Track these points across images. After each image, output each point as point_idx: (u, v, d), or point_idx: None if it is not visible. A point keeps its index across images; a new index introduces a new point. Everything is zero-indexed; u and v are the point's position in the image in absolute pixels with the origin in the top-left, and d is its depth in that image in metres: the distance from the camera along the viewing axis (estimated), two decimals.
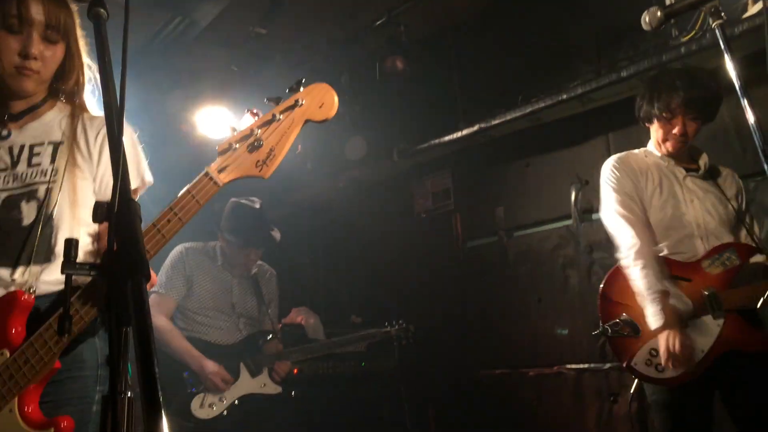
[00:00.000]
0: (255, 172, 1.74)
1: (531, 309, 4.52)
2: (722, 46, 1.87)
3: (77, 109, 1.97)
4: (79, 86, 1.97)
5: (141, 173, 1.99)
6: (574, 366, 4.20)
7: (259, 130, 1.72)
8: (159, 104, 4.89)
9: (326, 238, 6.29)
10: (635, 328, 2.62)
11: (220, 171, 1.72)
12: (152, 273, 1.84)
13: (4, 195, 1.81)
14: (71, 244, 1.01)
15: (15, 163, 1.83)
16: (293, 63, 5.18)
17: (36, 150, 1.86)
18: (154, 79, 4.83)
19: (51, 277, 1.78)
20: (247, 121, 1.78)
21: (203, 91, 5.09)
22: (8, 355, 1.64)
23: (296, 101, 1.73)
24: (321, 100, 1.74)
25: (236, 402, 3.57)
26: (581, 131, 4.36)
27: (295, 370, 4.12)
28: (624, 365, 2.62)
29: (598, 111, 4.23)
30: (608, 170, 2.91)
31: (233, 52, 4.97)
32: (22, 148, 1.86)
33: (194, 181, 1.71)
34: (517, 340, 4.55)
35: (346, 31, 4.90)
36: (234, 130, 1.75)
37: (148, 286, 1.62)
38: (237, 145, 1.73)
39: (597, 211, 4.27)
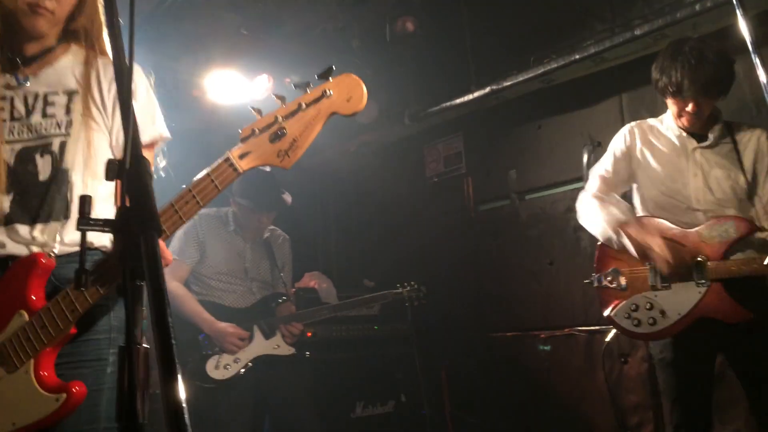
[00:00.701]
0: (276, 162, 1.69)
1: (543, 272, 4.53)
2: (735, 3, 1.84)
3: (93, 53, 1.89)
4: (95, 27, 1.89)
5: (156, 125, 1.94)
6: (585, 328, 4.23)
7: (283, 119, 1.67)
8: (170, 70, 4.88)
9: (338, 203, 6.31)
10: (621, 283, 2.74)
11: (242, 157, 1.68)
12: (168, 251, 1.84)
13: (18, 146, 1.78)
14: (85, 200, 1.03)
15: (29, 113, 1.79)
16: (303, 26, 5.13)
17: (50, 99, 1.81)
18: (164, 45, 4.82)
19: (69, 237, 1.78)
20: (271, 105, 1.73)
21: (213, 56, 5.08)
22: (27, 317, 1.67)
23: (324, 92, 1.67)
24: (349, 93, 1.67)
25: (250, 364, 3.62)
26: (594, 92, 4.32)
27: (308, 334, 4.18)
28: (605, 315, 2.76)
29: (611, 71, 4.18)
30: (620, 133, 2.98)
31: (243, 15, 4.93)
32: (36, 96, 1.81)
33: (214, 164, 1.68)
34: (529, 302, 4.58)
35: None
36: (259, 113, 1.70)
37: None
38: (260, 132, 1.69)
39: None
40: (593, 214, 2.82)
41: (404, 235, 5.47)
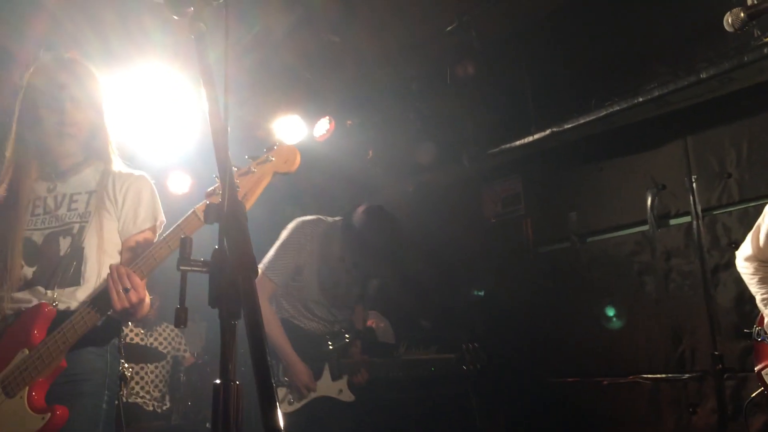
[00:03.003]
0: None
1: (604, 316, 4.44)
2: None
3: (109, 166, 2.43)
4: (109, 148, 2.44)
5: (156, 215, 2.43)
6: (650, 376, 4.10)
7: (237, 179, 2.06)
8: (235, 111, 5.06)
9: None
10: None
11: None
12: (147, 296, 2.23)
13: (47, 232, 2.30)
14: (186, 243, 1.10)
15: (58, 207, 2.35)
16: (364, 70, 5.27)
17: (75, 197, 2.36)
18: (231, 87, 5.01)
19: (78, 297, 2.23)
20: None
21: (278, 99, 5.25)
22: (27, 353, 2.11)
23: (267, 158, 2.07)
24: (286, 158, 2.08)
25: (308, 402, 3.61)
26: (658, 135, 4.27)
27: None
28: (756, 370, 2.92)
29: (676, 114, 4.13)
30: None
31: (307, 60, 5.10)
32: (64, 195, 2.37)
33: (183, 218, 2.13)
34: (590, 348, 4.48)
35: (417, 37, 4.95)
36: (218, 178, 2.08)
37: (149, 310, 2.21)
38: (220, 191, 2.04)
39: (674, 216, 4.20)
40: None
41: (461, 275, 5.46)
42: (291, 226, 3.66)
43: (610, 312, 4.41)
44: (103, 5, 3.82)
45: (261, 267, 3.56)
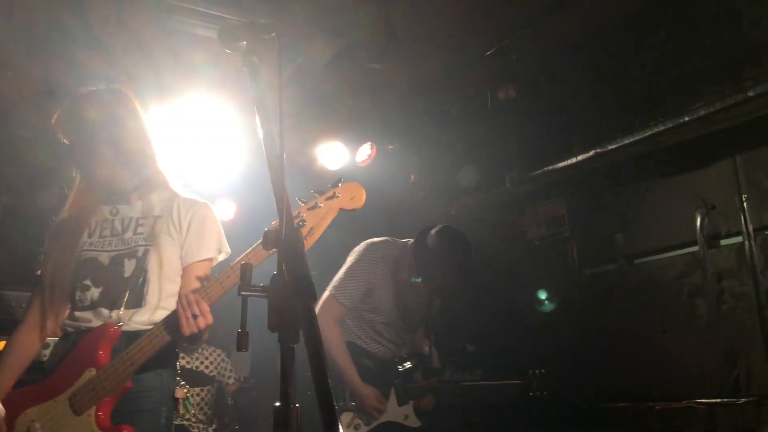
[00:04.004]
0: None
1: (655, 340, 4.34)
2: None
3: (173, 194, 2.54)
4: (158, 170, 2.54)
5: (220, 246, 2.51)
6: (705, 400, 3.98)
7: (304, 213, 2.12)
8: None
9: None
10: None
11: None
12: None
13: (113, 254, 2.41)
14: (246, 269, 1.14)
15: (125, 230, 2.46)
16: (405, 95, 5.33)
17: (141, 222, 2.47)
18: (276, 113, 5.12)
19: (140, 318, 2.33)
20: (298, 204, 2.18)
21: (320, 126, 5.34)
22: (94, 372, 2.20)
23: (334, 193, 2.11)
24: (352, 195, 2.12)
25: (374, 427, 3.54)
26: (705, 154, 4.20)
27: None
28: None
29: (723, 132, 4.06)
30: None
31: (348, 87, 5.18)
32: (131, 219, 2.48)
33: (251, 248, 2.17)
34: (640, 372, 4.38)
35: (457, 62, 4.99)
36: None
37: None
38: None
39: (725, 236, 4.11)
40: None
41: (505, 298, 5.41)
42: (360, 248, 3.68)
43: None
44: (157, 41, 3.98)
45: (330, 290, 3.56)
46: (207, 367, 5.64)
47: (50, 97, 4.07)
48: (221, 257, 2.53)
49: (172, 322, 2.15)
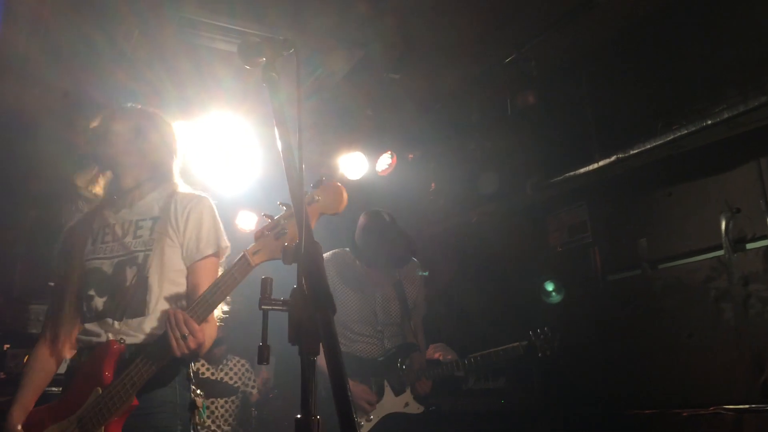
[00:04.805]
0: (280, 255, 1.97)
1: (681, 345, 4.29)
2: None
3: (172, 188, 2.52)
4: (166, 169, 2.55)
5: (219, 241, 2.45)
6: (732, 406, 3.92)
7: (284, 221, 2.07)
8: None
9: (459, 273, 6.33)
10: None
11: (254, 254, 2.12)
12: (207, 336, 2.22)
13: (116, 261, 2.39)
14: (266, 283, 1.16)
15: (125, 235, 2.43)
16: (424, 104, 5.35)
17: (140, 224, 2.44)
18: (295, 127, 5.16)
19: (144, 327, 2.30)
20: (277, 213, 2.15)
21: (340, 136, 5.38)
22: (100, 391, 2.18)
23: (313, 197, 2.00)
24: (333, 197, 1.98)
25: (378, 421, 3.59)
26: (729, 157, 4.14)
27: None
28: None
29: (747, 135, 4.01)
30: None
31: (368, 97, 5.21)
32: (130, 223, 2.45)
33: (234, 261, 2.15)
34: (667, 378, 4.32)
35: (476, 69, 5.00)
36: (269, 218, 2.10)
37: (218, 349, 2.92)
38: (267, 233, 2.11)
39: (751, 240, 4.05)
40: None
41: (528, 305, 5.38)
42: None
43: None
44: (180, 55, 4.05)
45: None
46: (231, 378, 5.69)
47: (76, 110, 4.17)
48: (225, 251, 2.49)
49: (163, 343, 2.10)
